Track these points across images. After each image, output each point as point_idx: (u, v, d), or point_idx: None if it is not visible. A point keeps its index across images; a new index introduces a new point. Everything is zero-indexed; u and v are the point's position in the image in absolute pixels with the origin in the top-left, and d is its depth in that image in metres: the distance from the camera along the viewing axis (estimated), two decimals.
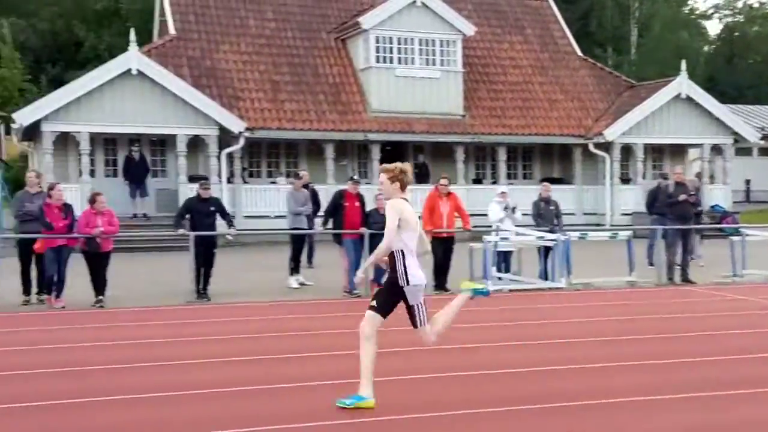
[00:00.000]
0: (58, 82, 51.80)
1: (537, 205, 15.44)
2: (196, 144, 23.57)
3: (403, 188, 6.58)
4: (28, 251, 12.75)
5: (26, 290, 12.89)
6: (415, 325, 6.63)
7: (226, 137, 23.67)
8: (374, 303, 6.52)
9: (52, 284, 12.53)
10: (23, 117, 21.91)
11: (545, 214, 15.30)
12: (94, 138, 22.61)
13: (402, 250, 6.45)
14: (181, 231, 13.41)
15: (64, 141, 22.56)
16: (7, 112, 46.08)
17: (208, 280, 13.36)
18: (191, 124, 23.14)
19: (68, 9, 56.97)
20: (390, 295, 6.52)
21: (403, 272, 6.44)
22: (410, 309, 6.59)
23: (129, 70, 22.34)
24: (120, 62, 22.64)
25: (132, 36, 22.56)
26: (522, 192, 23.09)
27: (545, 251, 14.91)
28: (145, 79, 22.57)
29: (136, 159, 23.20)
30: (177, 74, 23.65)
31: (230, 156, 24.25)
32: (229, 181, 24.17)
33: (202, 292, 13.20)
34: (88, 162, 22.20)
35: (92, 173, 22.90)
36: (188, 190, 22.44)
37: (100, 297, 12.46)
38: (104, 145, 24.11)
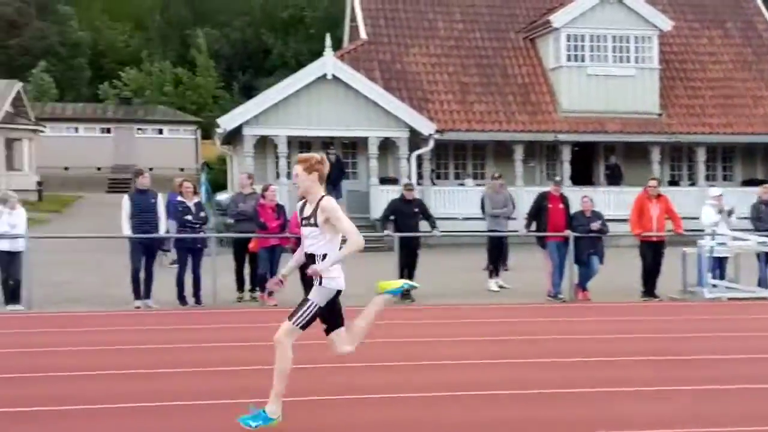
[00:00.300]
0: (248, 89, 54.51)
1: (756, 207, 14.46)
2: (386, 146, 23.87)
3: (321, 180, 5.79)
4: (243, 250, 13.28)
5: (240, 287, 13.44)
6: (290, 318, 5.80)
7: (415, 139, 23.82)
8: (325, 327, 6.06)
9: (265, 282, 12.96)
10: (226, 122, 23.02)
11: (765, 218, 14.28)
12: (290, 141, 23.37)
13: (324, 253, 5.78)
14: (386, 232, 13.56)
15: (263, 144, 23.47)
16: (203, 118, 49.05)
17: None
18: (382, 127, 23.45)
19: (257, 18, 59.57)
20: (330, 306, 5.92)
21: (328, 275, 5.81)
22: (303, 302, 5.82)
23: (324, 75, 22.93)
24: (316, 67, 23.28)
25: (327, 41, 23.13)
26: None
27: (766, 257, 13.91)
28: (339, 83, 23.10)
29: (332, 161, 23.65)
30: (368, 78, 24.06)
31: (419, 158, 24.41)
32: (417, 183, 24.30)
33: (405, 293, 13.27)
34: (285, 164, 22.97)
35: (288, 175, 23.67)
36: (379, 192, 22.88)
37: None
38: (299, 148, 24.82)
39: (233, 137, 25.01)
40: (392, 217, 13.67)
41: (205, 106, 52.26)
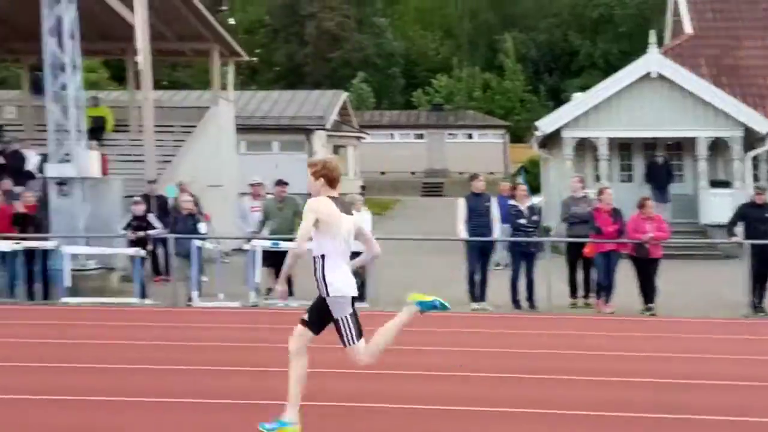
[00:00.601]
0: (554, 91, 54.05)
1: None
2: (715, 146, 22.29)
3: (331, 184, 5.60)
4: (577, 254, 12.99)
5: (573, 293, 13.16)
6: (342, 343, 5.60)
7: (750, 139, 21.99)
8: (305, 317, 5.70)
9: (600, 289, 12.58)
10: (545, 125, 22.85)
11: None
12: (609, 143, 22.64)
13: (322, 256, 5.55)
14: (734, 239, 12.57)
15: (582, 147, 22.95)
16: (511, 121, 49.39)
17: (764, 293, 12.29)
18: (712, 126, 21.93)
19: (565, 20, 58.77)
20: (319, 308, 5.65)
21: (323, 281, 5.55)
22: (335, 323, 5.60)
23: (647, 74, 21.92)
24: (638, 66, 22.32)
25: (651, 38, 22.08)
26: None
27: None
28: (663, 81, 21.94)
29: (659, 163, 22.64)
30: (695, 74, 22.62)
31: (755, 159, 22.52)
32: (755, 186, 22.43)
33: (757, 305, 12.18)
34: (606, 167, 22.30)
35: (609, 178, 22.96)
36: (710, 197, 21.43)
37: (650, 305, 12.15)
38: (619, 150, 24.02)
39: (549, 140, 24.74)
40: (740, 223, 12.64)
41: (513, 110, 52.65)
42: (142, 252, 13.32)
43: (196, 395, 6.82)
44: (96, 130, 19.18)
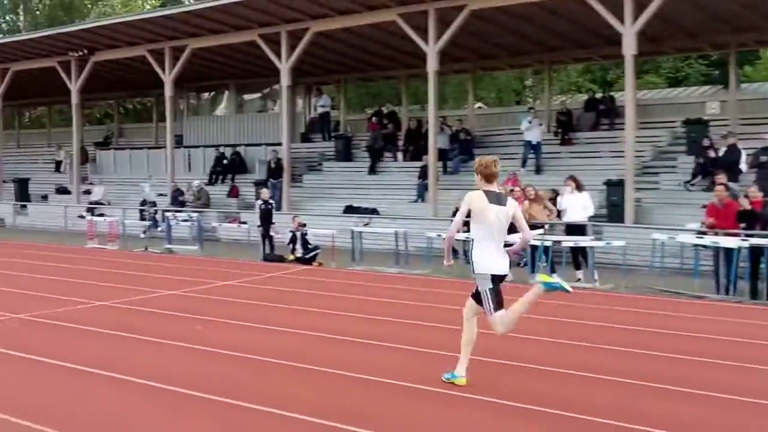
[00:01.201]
0: None
1: None
2: None
3: (487, 180, 6.67)
4: None
5: None
6: (484, 312, 6.67)
7: None
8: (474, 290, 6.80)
9: None
10: None
11: None
12: None
13: (473, 240, 6.67)
14: None
15: None
16: None
17: None
18: None
19: None
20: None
21: (471, 260, 6.70)
22: (479, 295, 6.68)
23: None
24: None
25: None
26: None
27: None
28: None
29: None
30: None
31: None
32: None
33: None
34: None
35: None
36: None
37: None
38: None
39: None
40: None
41: None
42: None
43: None
44: None
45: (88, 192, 28.52)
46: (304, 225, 16.84)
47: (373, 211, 21.24)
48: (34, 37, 26.91)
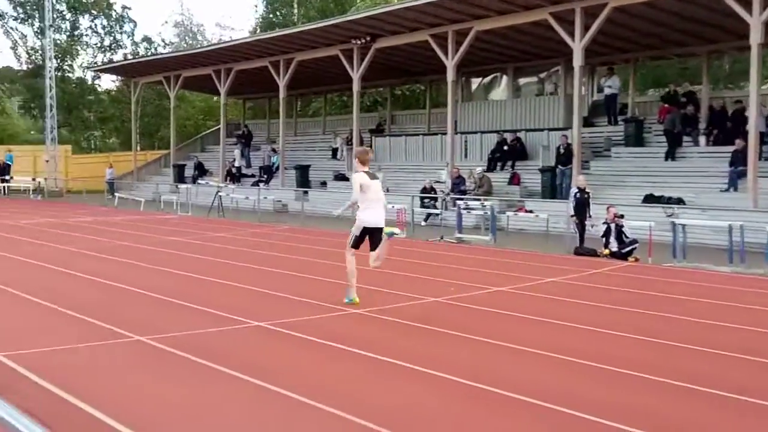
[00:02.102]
0: None
1: None
2: None
3: (362, 163, 9.67)
4: None
5: None
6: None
7: None
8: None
9: None
10: None
11: None
12: None
13: (358, 204, 9.52)
14: None
15: None
16: None
17: None
18: None
19: None
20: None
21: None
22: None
23: None
24: None
25: None
26: None
27: None
28: None
29: None
30: None
31: None
32: None
33: None
34: None
35: None
36: None
37: None
38: None
39: None
40: None
41: None
42: None
43: None
44: None
45: None
46: (622, 216, 15.36)
47: (679, 201, 19.32)
48: (320, 27, 27.45)
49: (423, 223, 22.54)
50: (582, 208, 16.34)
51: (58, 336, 7.74)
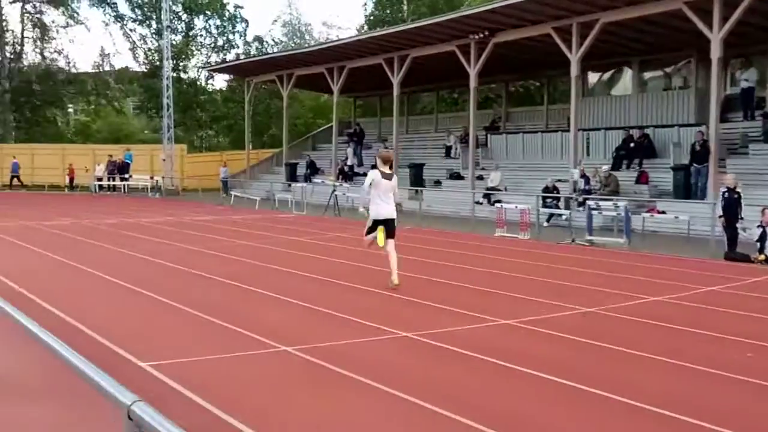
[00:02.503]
0: None
1: None
2: None
3: (384, 163, 10.94)
4: None
5: None
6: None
7: None
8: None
9: None
10: None
11: None
12: None
13: (370, 198, 10.91)
14: None
15: None
16: None
17: None
18: None
19: None
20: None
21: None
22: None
23: None
24: None
25: None
26: None
27: None
28: None
29: None
30: None
31: None
32: None
33: None
34: None
35: None
36: None
37: None
38: None
39: None
40: None
41: None
42: None
43: None
44: None
45: (480, 177, 28.02)
46: None
47: None
48: (437, 22, 26.82)
49: (545, 224, 21.64)
50: (732, 209, 15.14)
51: (201, 344, 7.37)
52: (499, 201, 24.28)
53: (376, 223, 10.80)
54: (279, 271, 12.57)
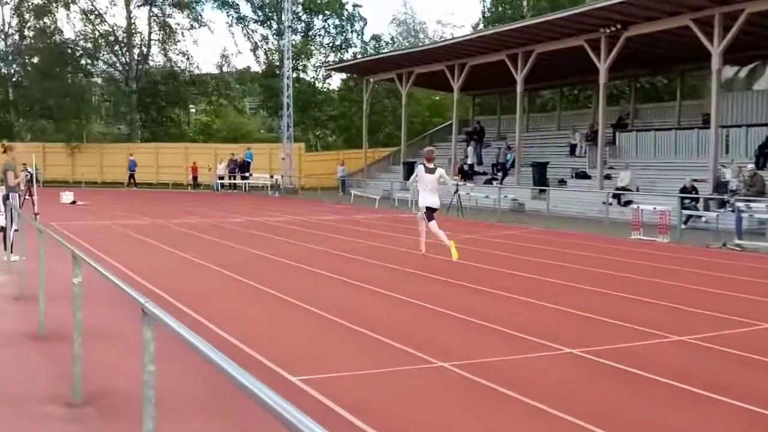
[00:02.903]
0: None
1: None
2: None
3: (427, 161, 12.86)
4: None
5: None
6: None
7: None
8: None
9: None
10: None
11: None
12: None
13: (418, 190, 13.12)
14: None
15: None
16: None
17: None
18: None
19: None
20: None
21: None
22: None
23: None
24: None
25: None
26: None
27: None
28: None
29: None
30: None
31: None
32: None
33: None
34: None
35: None
36: None
37: None
38: None
39: None
40: None
41: None
42: None
43: None
44: None
45: (608, 177, 26.84)
46: None
47: None
48: (565, 16, 25.85)
49: (683, 227, 20.41)
50: None
51: (353, 358, 6.92)
52: (629, 201, 23.16)
53: (426, 210, 12.94)
54: (417, 275, 12.04)
